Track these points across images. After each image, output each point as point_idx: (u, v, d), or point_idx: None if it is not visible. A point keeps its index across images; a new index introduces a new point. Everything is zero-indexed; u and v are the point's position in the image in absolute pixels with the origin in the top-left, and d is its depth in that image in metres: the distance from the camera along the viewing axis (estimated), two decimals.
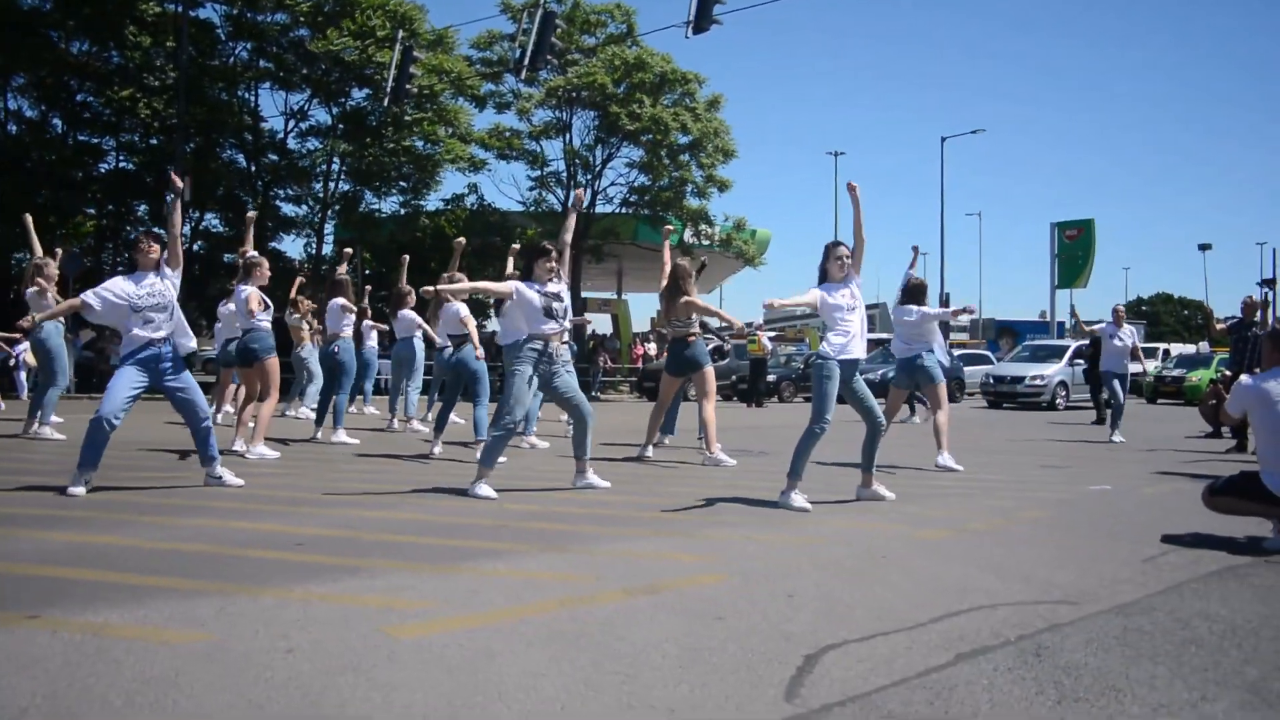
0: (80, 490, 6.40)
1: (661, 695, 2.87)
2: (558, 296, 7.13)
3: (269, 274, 9.53)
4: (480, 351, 9.91)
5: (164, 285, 6.86)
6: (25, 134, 28.04)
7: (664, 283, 9.89)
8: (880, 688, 2.97)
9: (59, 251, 13.66)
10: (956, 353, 27.19)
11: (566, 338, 7.34)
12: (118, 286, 6.77)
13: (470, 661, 3.10)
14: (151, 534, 5.16)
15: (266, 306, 9.31)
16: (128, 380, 6.67)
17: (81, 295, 6.88)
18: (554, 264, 7.22)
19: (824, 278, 6.92)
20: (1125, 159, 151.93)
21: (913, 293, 9.65)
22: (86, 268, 25.85)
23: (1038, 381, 23.46)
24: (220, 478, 7.00)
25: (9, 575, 4.11)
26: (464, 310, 10.18)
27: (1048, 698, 2.93)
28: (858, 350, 6.79)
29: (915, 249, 10.32)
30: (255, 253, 9.15)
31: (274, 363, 9.34)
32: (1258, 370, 6.32)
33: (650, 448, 9.88)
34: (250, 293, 9.08)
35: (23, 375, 20.78)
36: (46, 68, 26.87)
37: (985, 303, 74.49)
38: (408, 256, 12.42)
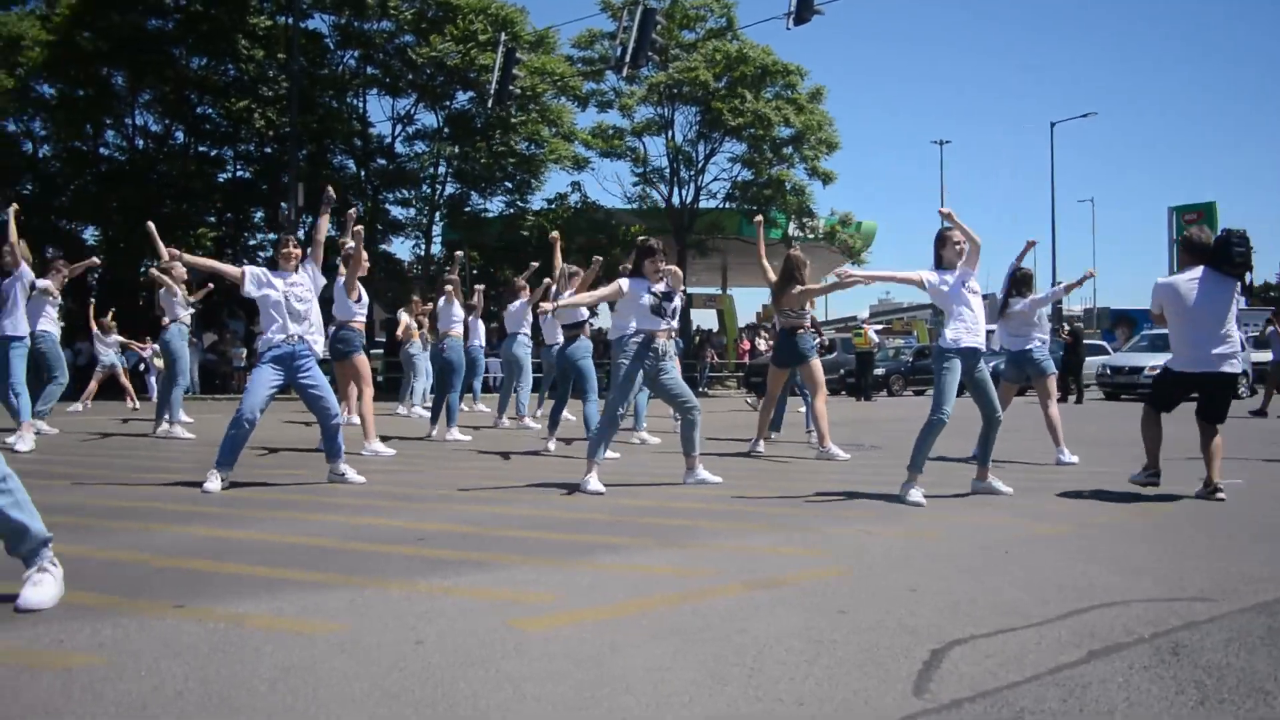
0: (216, 487, 6.65)
1: (788, 688, 2.86)
2: (667, 296, 7.16)
3: (368, 265, 9.71)
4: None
5: (304, 287, 7.11)
6: (151, 147, 29.22)
7: (771, 276, 9.80)
8: (1011, 684, 2.91)
9: (178, 251, 14.16)
10: None
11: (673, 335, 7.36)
12: (267, 274, 7.03)
13: (596, 654, 3.14)
14: (282, 529, 5.34)
15: (360, 299, 9.52)
16: (265, 379, 6.93)
17: (243, 266, 7.15)
18: (662, 262, 7.24)
19: (938, 264, 6.79)
20: (1247, 139, 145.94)
21: (1020, 283, 9.41)
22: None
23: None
24: (344, 474, 7.20)
25: (156, 567, 4.30)
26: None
27: (1189, 698, 2.84)
28: (978, 340, 6.66)
29: (1030, 242, 10.09)
30: (353, 244, 9.33)
31: (362, 359, 9.57)
32: None
33: (761, 443, 9.85)
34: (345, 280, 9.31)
35: (153, 378, 21.63)
36: (169, 84, 27.97)
37: (1100, 291, 72.33)
38: (557, 235, 12.34)
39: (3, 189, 26.65)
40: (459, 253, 15.62)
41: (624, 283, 7.18)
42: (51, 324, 10.47)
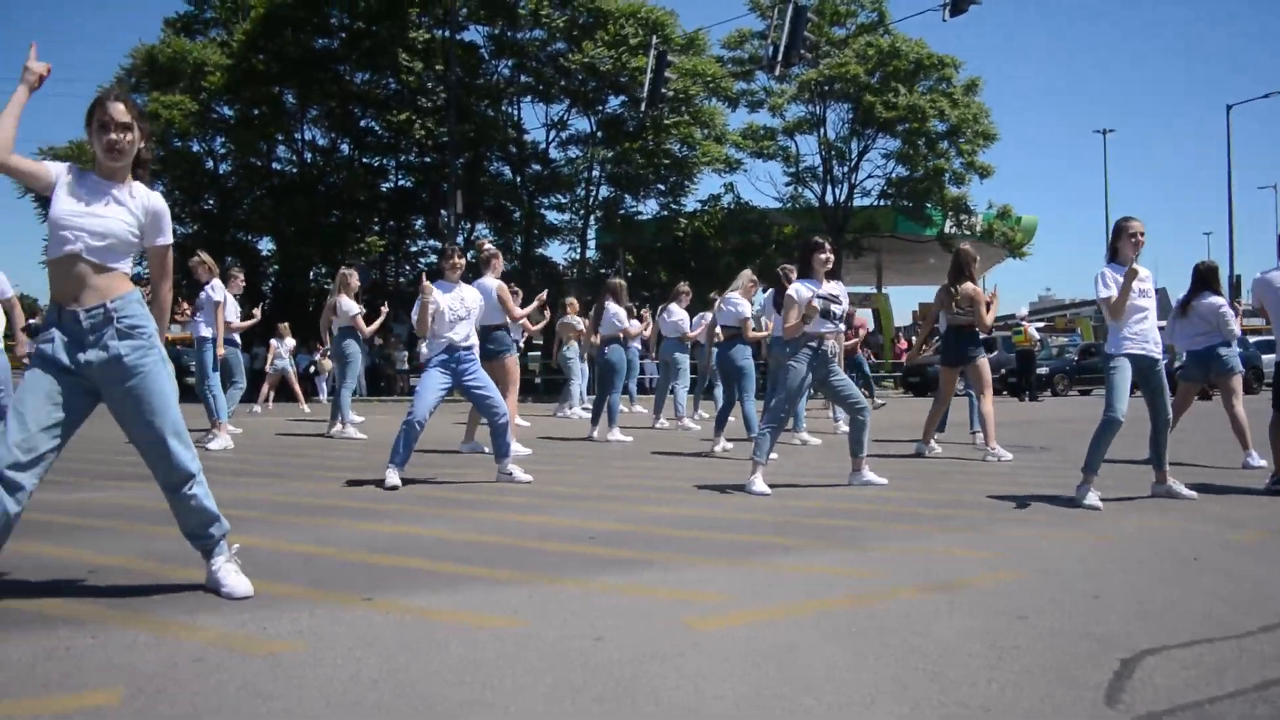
0: (395, 481, 6.97)
1: (972, 694, 2.80)
2: (835, 298, 7.09)
3: (503, 264, 9.93)
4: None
5: (470, 296, 7.42)
6: (319, 160, 30.55)
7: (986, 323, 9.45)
8: (1212, 698, 2.78)
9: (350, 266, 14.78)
10: (1252, 339, 25.00)
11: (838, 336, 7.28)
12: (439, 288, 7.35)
13: (774, 654, 3.13)
14: (457, 526, 5.51)
15: (516, 293, 9.75)
16: (435, 383, 7.19)
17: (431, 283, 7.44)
18: (829, 258, 7.18)
19: (1113, 257, 6.51)
20: None
21: (1205, 278, 8.93)
22: (374, 281, 27.87)
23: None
24: (511, 474, 7.38)
25: (344, 561, 4.49)
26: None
27: None
28: (1148, 341, 6.37)
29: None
30: (491, 245, 9.58)
31: (513, 361, 9.79)
32: None
33: (931, 443, 9.65)
34: (498, 285, 9.51)
35: (323, 381, 22.63)
36: (335, 99, 29.19)
37: None
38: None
39: (188, 205, 28.33)
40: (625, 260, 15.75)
41: (796, 285, 7.10)
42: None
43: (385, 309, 12.94)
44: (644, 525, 5.57)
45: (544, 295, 10.28)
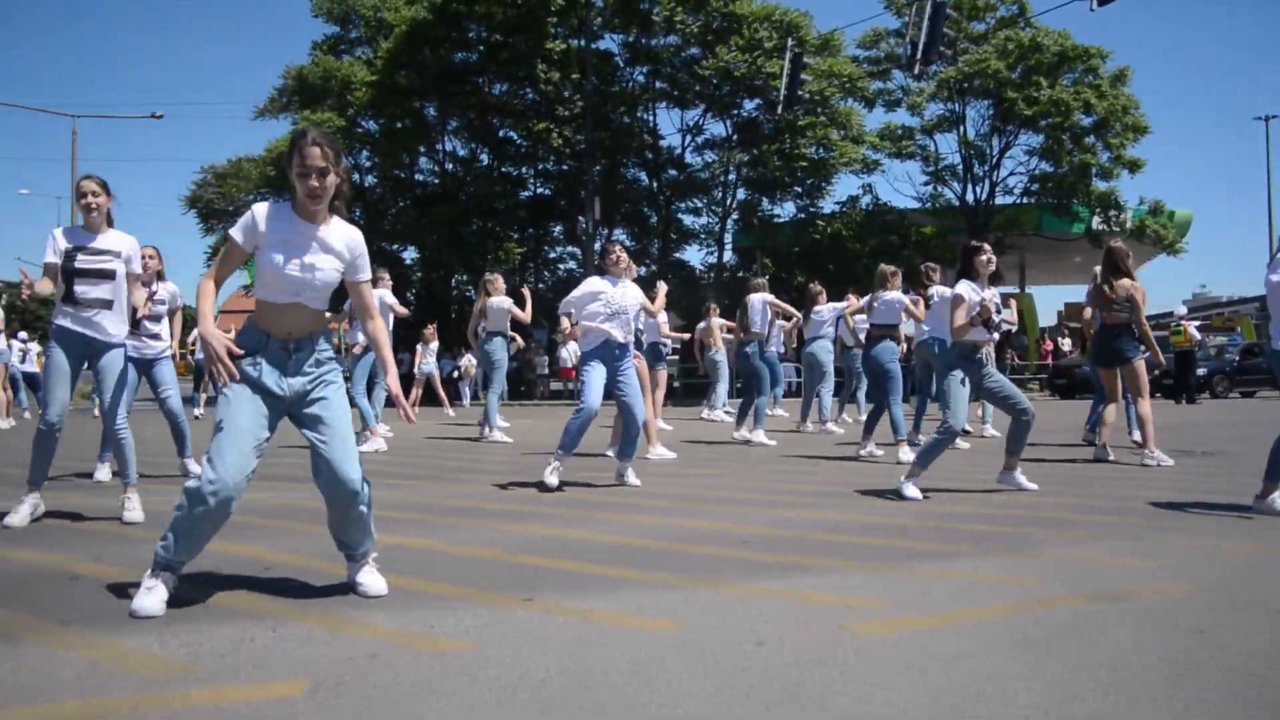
0: (555, 482, 7.17)
1: (1151, 713, 2.70)
2: (999, 305, 6.95)
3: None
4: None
5: (632, 293, 7.57)
6: (459, 171, 31.35)
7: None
8: None
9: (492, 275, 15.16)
10: None
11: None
12: (596, 284, 7.50)
13: (939, 662, 3.08)
14: (610, 529, 5.58)
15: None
16: (600, 375, 7.37)
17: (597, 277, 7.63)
18: (991, 259, 7.03)
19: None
20: None
21: None
22: (514, 286, 28.46)
23: None
24: (624, 477, 7.45)
25: (504, 562, 4.60)
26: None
27: None
28: None
29: None
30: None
31: (662, 372, 9.87)
32: None
33: (1104, 447, 9.22)
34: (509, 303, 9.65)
35: (465, 385, 23.18)
36: (474, 111, 29.88)
37: None
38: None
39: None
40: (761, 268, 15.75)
41: (963, 292, 6.94)
42: None
43: (526, 291, 13.15)
44: (796, 530, 5.54)
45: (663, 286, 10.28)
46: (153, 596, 3.61)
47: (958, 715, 2.66)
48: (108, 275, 5.66)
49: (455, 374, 22.91)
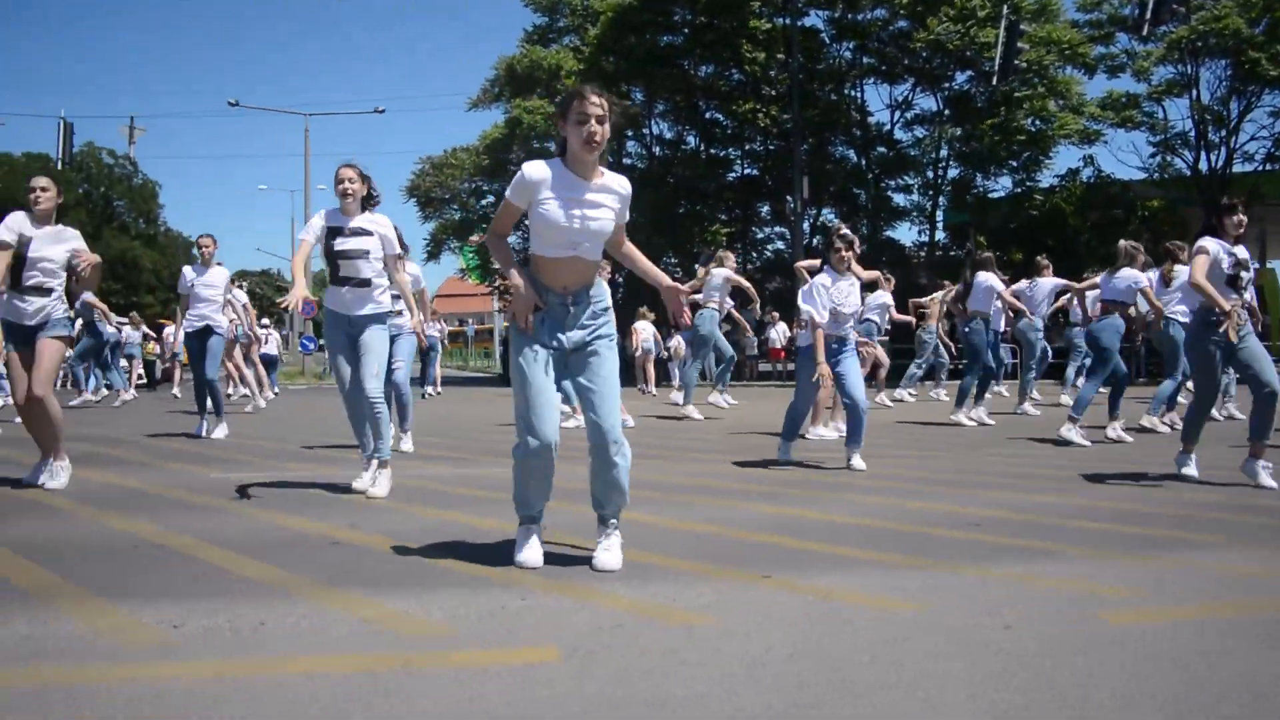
0: (861, 464, 7.25)
1: None
2: (1244, 264, 6.48)
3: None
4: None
5: (853, 292, 7.52)
6: (666, 154, 31.65)
7: None
8: None
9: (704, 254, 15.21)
10: None
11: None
12: (824, 280, 7.44)
13: (1204, 656, 2.92)
14: (835, 509, 5.54)
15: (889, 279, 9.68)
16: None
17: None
18: (1243, 220, 6.54)
19: None
20: None
21: None
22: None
23: None
24: (851, 462, 7.34)
25: (736, 539, 4.65)
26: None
27: None
28: None
29: None
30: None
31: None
32: None
33: None
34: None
35: (675, 366, 23.42)
36: (681, 93, 30.07)
37: None
38: None
39: None
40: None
41: (1208, 244, 6.50)
42: None
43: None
44: (1029, 513, 5.36)
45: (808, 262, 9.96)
46: (531, 549, 3.99)
47: (1212, 714, 2.51)
48: (362, 255, 6.01)
49: (666, 355, 23.17)
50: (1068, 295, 12.49)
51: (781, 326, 26.08)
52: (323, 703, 2.51)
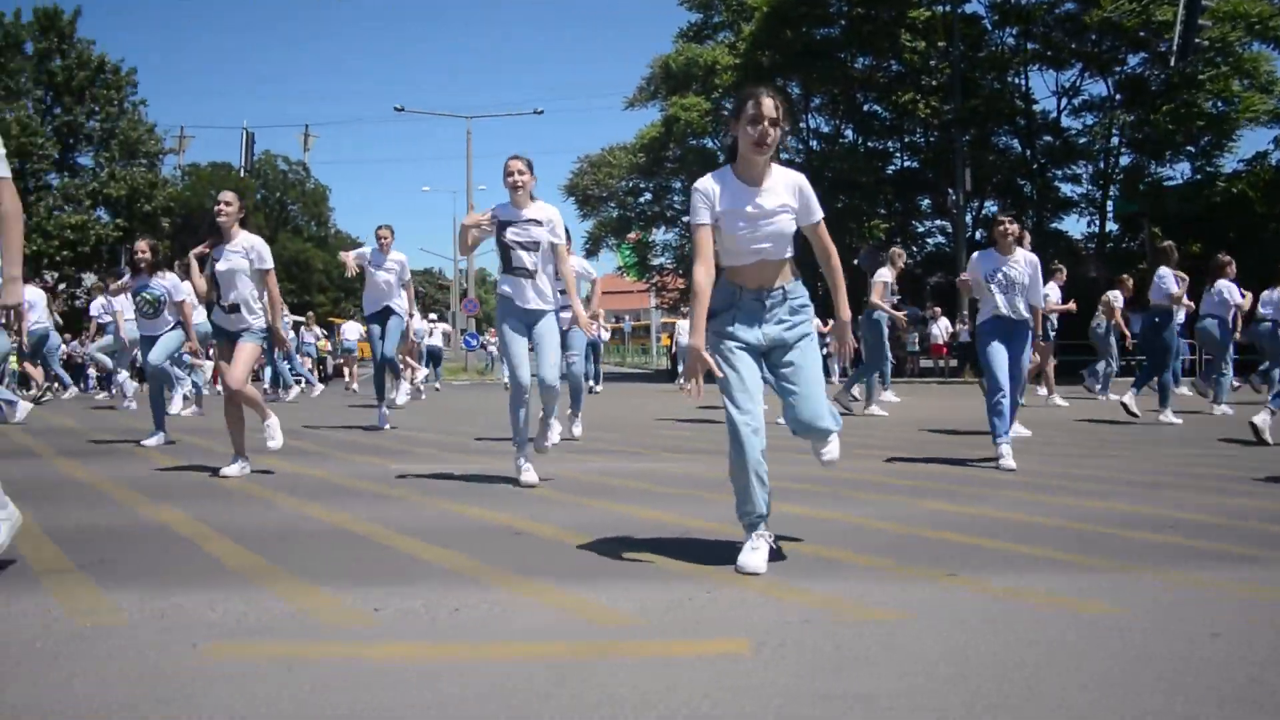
0: (1012, 465, 7.01)
1: None
2: None
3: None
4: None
5: (1021, 269, 7.32)
6: (823, 147, 31.31)
7: None
8: None
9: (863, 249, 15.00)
10: None
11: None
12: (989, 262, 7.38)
13: None
14: (1017, 508, 5.39)
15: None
16: (1002, 352, 7.23)
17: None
18: None
19: None
20: None
21: None
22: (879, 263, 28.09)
23: None
24: (1000, 458, 7.09)
25: (919, 537, 4.57)
26: None
27: None
28: None
29: None
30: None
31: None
32: None
33: None
34: None
35: (834, 362, 23.11)
36: (837, 86, 29.68)
37: None
38: None
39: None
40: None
41: None
42: None
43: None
44: (1231, 518, 5.08)
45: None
46: (757, 555, 3.88)
47: None
48: (532, 246, 6.16)
49: (825, 352, 22.95)
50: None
51: (944, 322, 25.49)
52: (526, 686, 2.58)
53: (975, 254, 7.71)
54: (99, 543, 4.39)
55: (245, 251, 6.64)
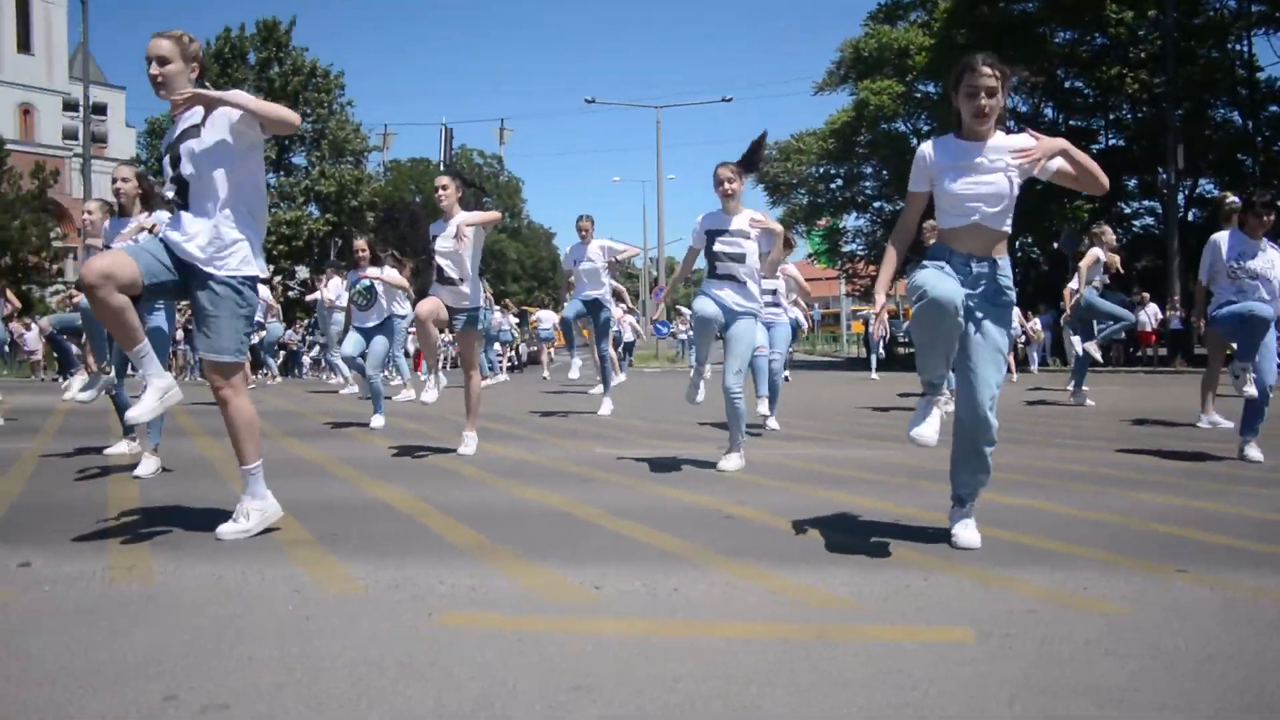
0: (1257, 455, 6.69)
1: None
2: None
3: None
4: None
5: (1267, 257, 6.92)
6: (1021, 129, 30.06)
7: None
8: None
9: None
10: None
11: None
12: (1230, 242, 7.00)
13: None
14: (1252, 504, 5.09)
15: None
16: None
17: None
18: None
19: None
20: None
21: None
22: (1079, 246, 26.83)
23: None
24: (1245, 454, 6.65)
25: (1150, 532, 4.36)
26: None
27: None
28: None
29: None
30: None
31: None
32: None
33: None
34: None
35: (1034, 350, 22.37)
36: (1037, 63, 28.47)
37: None
38: None
39: (894, 183, 29.65)
40: None
41: None
42: None
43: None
44: None
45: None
46: (966, 529, 4.02)
47: None
48: (739, 258, 6.21)
49: (1023, 339, 22.16)
50: None
51: (1152, 308, 24.18)
52: (748, 665, 2.63)
53: (1219, 235, 7.15)
54: (331, 517, 4.68)
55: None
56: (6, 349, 20.66)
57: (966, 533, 4.01)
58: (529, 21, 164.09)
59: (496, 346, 22.45)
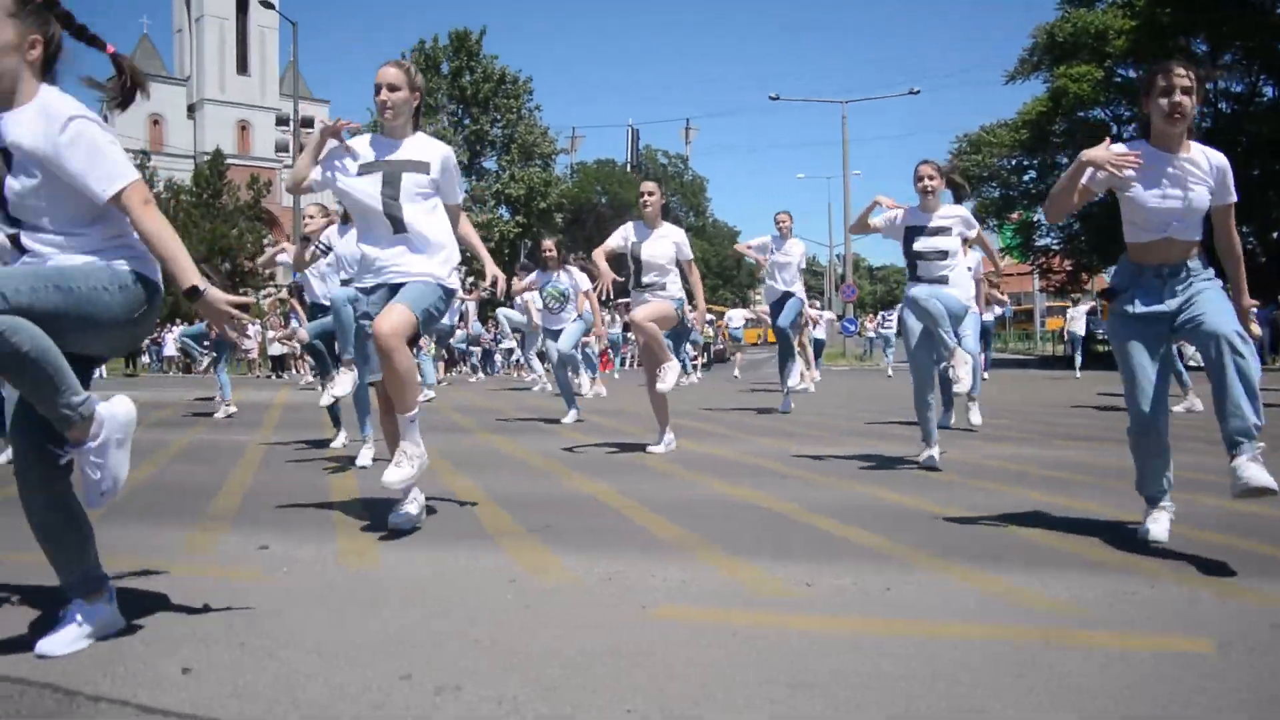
0: None
1: None
2: None
3: None
4: None
5: None
6: (1235, 109, 28.28)
7: None
8: None
9: None
10: None
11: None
12: None
13: None
14: None
15: None
16: None
17: None
18: None
19: None
20: None
21: None
22: None
23: None
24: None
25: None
26: None
27: None
28: None
29: None
30: None
31: None
32: None
33: None
34: None
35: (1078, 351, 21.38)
36: (1253, 37, 26.65)
37: None
38: None
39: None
40: None
41: None
42: None
43: None
44: None
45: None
46: (1158, 525, 3.91)
47: None
48: (939, 255, 6.11)
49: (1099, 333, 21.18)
50: None
51: None
52: (971, 667, 2.57)
53: None
54: (540, 510, 4.82)
55: (669, 237, 7.03)
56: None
57: (1250, 468, 3.57)
58: (713, 21, 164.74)
59: (689, 347, 22.59)
